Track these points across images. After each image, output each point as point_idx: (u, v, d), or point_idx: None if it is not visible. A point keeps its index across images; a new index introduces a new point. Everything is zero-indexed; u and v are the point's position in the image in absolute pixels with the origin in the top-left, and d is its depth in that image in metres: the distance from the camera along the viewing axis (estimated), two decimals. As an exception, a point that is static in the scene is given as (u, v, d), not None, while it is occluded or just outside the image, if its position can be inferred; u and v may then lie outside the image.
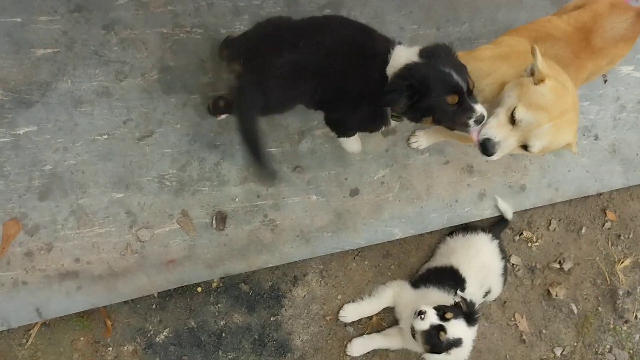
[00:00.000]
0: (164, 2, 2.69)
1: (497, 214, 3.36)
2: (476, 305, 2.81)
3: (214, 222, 2.82)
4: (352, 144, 2.94)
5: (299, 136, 2.94)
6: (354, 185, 3.06)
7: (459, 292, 2.86)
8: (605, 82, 3.53)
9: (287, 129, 2.91)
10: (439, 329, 2.67)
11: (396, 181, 3.15)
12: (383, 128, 2.60)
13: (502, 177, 3.34)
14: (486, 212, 3.33)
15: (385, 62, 2.26)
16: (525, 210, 3.47)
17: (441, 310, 2.72)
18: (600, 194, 3.70)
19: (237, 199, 2.86)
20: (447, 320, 2.69)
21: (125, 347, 2.83)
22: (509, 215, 3.36)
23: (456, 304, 2.78)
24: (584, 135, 3.51)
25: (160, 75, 2.70)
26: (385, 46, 2.29)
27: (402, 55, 2.25)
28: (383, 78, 2.26)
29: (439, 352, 2.70)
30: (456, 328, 2.69)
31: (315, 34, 2.28)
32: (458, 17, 3.17)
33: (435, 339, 2.67)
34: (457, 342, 2.69)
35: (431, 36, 3.11)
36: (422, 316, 2.68)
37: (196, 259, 2.81)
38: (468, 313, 2.75)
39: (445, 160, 3.23)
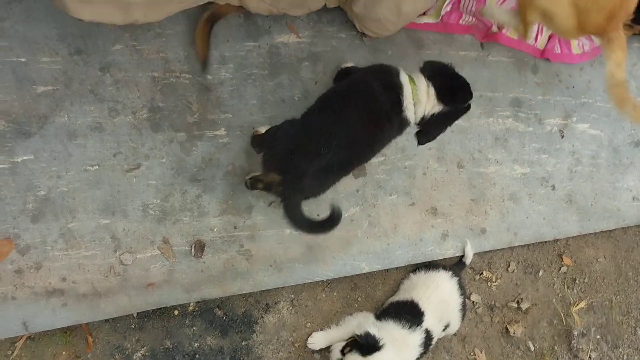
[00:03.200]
0: (157, 49, 2.81)
1: (459, 254, 3.43)
2: (377, 339, 2.86)
3: (192, 249, 2.90)
4: None
5: (275, 174, 3.03)
6: (325, 221, 3.14)
7: (360, 330, 2.93)
8: (562, 138, 3.64)
9: (264, 167, 3.01)
10: None
11: (365, 219, 3.22)
12: None
13: (464, 220, 3.42)
14: (449, 251, 3.40)
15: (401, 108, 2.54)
16: (485, 252, 3.54)
17: (347, 347, 2.88)
18: (556, 240, 3.77)
19: (215, 229, 2.94)
20: (344, 354, 2.86)
21: (104, 363, 2.88)
22: (468, 260, 3.43)
23: (357, 338, 2.86)
24: (541, 185, 3.60)
25: (149, 114, 2.81)
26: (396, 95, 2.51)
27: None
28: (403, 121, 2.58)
29: None
30: None
31: (331, 136, 2.40)
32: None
33: None
34: None
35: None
36: (329, 353, 2.98)
37: (174, 283, 2.87)
38: (364, 345, 2.83)
39: (412, 202, 3.31)
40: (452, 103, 2.63)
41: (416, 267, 3.37)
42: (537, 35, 3.48)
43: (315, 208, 2.93)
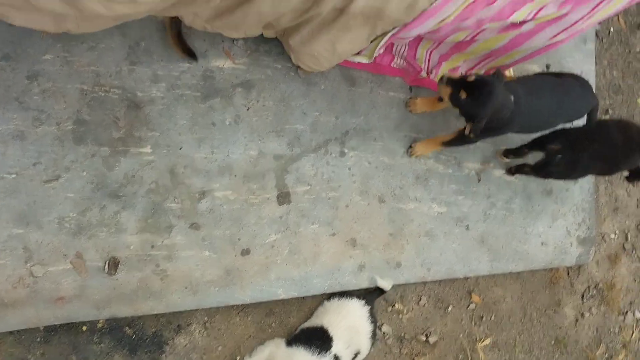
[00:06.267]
0: (88, 62, 2.79)
1: (373, 285, 3.54)
2: None
3: (106, 266, 2.87)
4: None
5: (199, 195, 3.05)
6: (246, 245, 3.17)
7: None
8: (479, 181, 3.83)
9: (189, 187, 3.02)
10: None
11: (286, 246, 3.28)
12: None
13: (381, 253, 3.53)
14: (364, 282, 3.50)
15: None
16: (399, 284, 3.67)
17: None
18: (467, 278, 3.94)
19: (132, 247, 2.92)
20: None
21: (4, 376, 2.81)
22: (387, 287, 3.55)
23: None
24: (457, 224, 3.76)
25: (74, 126, 2.78)
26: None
27: None
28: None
29: None
30: None
31: (592, 141, 3.40)
32: (356, 110, 3.40)
33: None
34: None
35: (330, 123, 3.32)
36: None
37: (85, 299, 2.83)
38: None
39: (333, 232, 3.40)
40: None
41: (331, 295, 3.46)
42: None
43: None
